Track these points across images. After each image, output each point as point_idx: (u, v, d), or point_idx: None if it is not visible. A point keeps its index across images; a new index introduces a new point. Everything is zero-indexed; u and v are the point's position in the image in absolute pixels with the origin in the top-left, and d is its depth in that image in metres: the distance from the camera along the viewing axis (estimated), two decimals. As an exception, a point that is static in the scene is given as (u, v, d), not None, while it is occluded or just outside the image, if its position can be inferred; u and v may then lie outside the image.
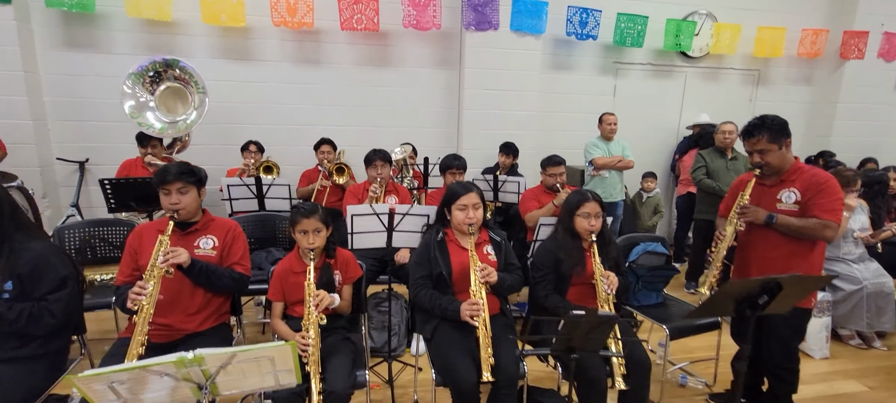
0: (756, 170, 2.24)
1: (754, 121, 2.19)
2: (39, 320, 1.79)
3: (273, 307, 2.17)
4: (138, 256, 2.05)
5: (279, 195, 3.44)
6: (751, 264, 2.29)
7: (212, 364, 1.35)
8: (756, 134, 2.16)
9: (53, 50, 4.20)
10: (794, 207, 2.15)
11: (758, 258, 2.26)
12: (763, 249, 2.23)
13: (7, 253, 1.79)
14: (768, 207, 2.21)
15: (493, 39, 4.68)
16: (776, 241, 2.18)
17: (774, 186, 2.23)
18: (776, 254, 2.18)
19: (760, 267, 2.22)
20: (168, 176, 2.04)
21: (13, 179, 3.29)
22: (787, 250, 2.16)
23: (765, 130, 2.14)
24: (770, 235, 2.19)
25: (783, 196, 2.19)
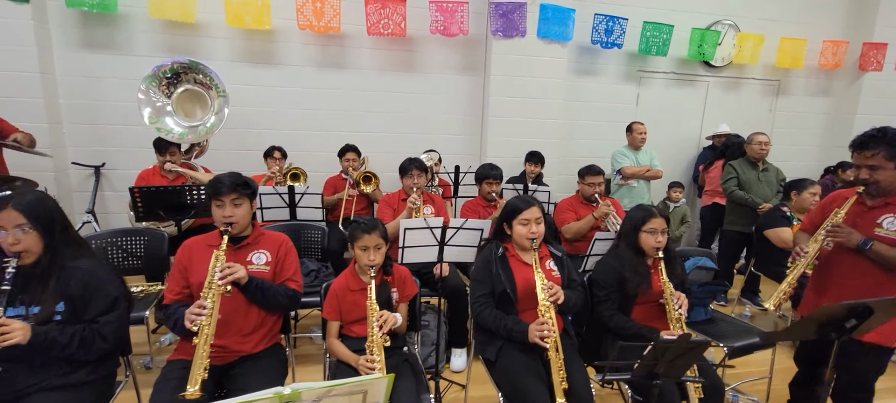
0: (860, 187, 2.03)
1: (873, 132, 1.93)
2: (91, 345, 1.67)
3: (328, 326, 2.07)
4: (188, 273, 1.94)
5: (311, 204, 3.33)
6: (829, 288, 2.13)
7: (307, 398, 1.24)
8: (872, 147, 1.91)
9: (70, 50, 4.06)
10: (895, 236, 1.95)
11: (839, 284, 2.09)
12: (847, 276, 2.05)
13: (57, 273, 1.67)
14: (865, 231, 1.99)
15: (519, 47, 4.61)
16: (864, 269, 1.99)
17: (877, 209, 2.00)
18: (861, 283, 1.99)
19: (839, 293, 2.05)
20: (222, 187, 1.93)
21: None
22: (874, 279, 1.97)
23: (883, 144, 1.89)
24: (859, 261, 2.00)
25: (885, 221, 1.96)
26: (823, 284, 2.17)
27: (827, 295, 2.13)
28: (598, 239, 2.71)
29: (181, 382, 1.75)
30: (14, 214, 1.60)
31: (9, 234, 1.59)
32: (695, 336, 1.61)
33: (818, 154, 5.86)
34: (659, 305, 2.18)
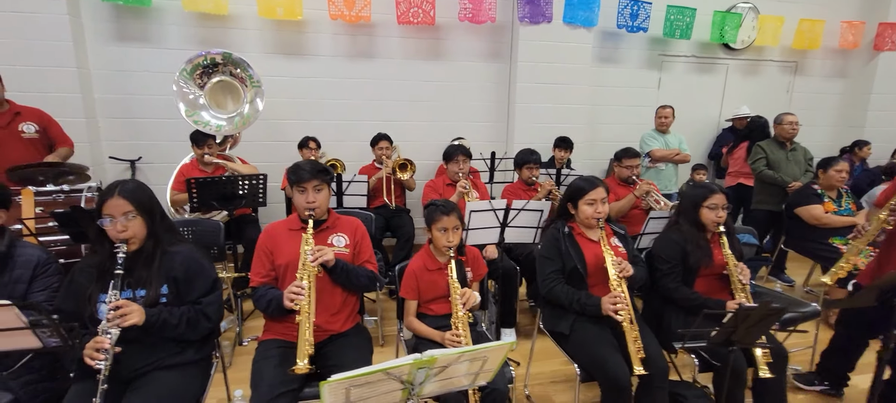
0: None
1: None
2: (197, 325, 1.74)
3: (407, 305, 2.14)
4: (274, 256, 2.00)
5: (357, 192, 3.39)
6: (892, 262, 2.18)
7: (440, 364, 1.32)
8: None
9: (103, 44, 4.07)
10: None
11: None
12: None
13: (160, 257, 1.73)
14: None
15: (545, 32, 4.65)
16: None
17: None
18: None
19: None
20: (305, 174, 1.99)
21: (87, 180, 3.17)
22: None
23: None
24: None
25: None
26: (888, 259, 2.22)
27: (889, 267, 2.19)
28: (653, 217, 2.78)
29: (281, 359, 1.83)
30: (121, 202, 1.65)
31: (117, 221, 1.64)
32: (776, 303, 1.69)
33: (833, 134, 5.95)
34: (719, 277, 2.27)
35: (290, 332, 1.93)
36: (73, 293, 1.68)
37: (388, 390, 1.36)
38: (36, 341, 1.35)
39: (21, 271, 1.69)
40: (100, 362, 1.49)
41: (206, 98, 3.71)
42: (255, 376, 1.79)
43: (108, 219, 1.64)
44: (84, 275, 1.70)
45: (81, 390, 1.60)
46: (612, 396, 1.94)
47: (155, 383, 1.64)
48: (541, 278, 2.21)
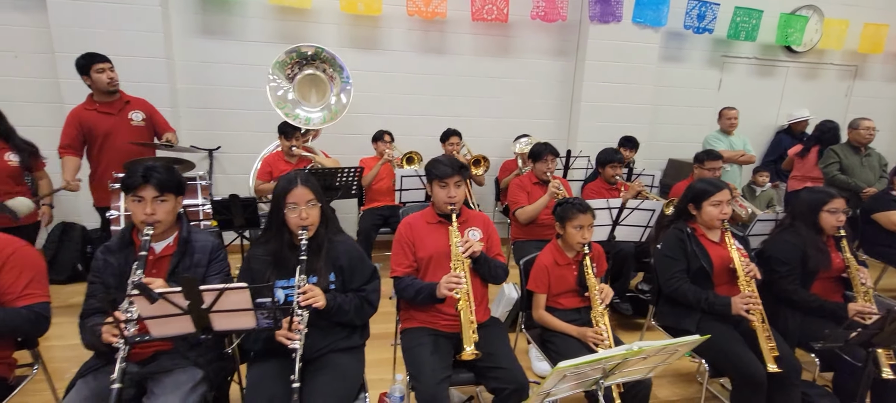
0: None
1: None
2: (362, 311, 1.83)
3: (536, 298, 2.21)
4: (416, 248, 2.08)
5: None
6: None
7: (647, 352, 1.39)
8: None
9: (188, 37, 4.17)
10: None
11: None
12: None
13: (326, 246, 1.82)
14: None
15: (614, 31, 4.68)
16: None
17: None
18: None
19: None
20: (446, 170, 2.06)
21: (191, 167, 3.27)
22: None
23: None
24: None
25: None
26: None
27: None
28: (760, 219, 2.82)
29: (434, 347, 1.92)
30: (305, 191, 1.74)
31: (301, 209, 1.73)
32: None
33: (891, 139, 5.92)
34: (834, 280, 2.32)
35: (435, 321, 2.03)
36: (250, 279, 1.78)
37: (588, 378, 1.44)
38: (252, 322, 1.44)
39: (200, 255, 1.78)
40: (295, 341, 1.59)
41: (294, 91, 3.80)
42: (413, 362, 1.88)
43: (293, 207, 1.73)
44: (259, 262, 1.79)
45: (265, 369, 1.70)
46: (747, 392, 2.00)
47: (333, 364, 1.73)
48: (665, 276, 2.27)
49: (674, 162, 5.31)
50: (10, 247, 1.65)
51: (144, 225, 1.65)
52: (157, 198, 1.68)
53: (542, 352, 2.18)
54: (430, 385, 1.75)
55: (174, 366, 1.67)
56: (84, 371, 1.62)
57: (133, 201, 1.68)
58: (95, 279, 1.70)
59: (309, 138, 4.04)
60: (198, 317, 1.37)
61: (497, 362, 1.84)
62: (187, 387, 1.61)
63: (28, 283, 1.64)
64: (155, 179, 1.66)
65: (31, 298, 1.64)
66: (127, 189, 1.69)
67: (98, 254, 1.71)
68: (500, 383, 1.81)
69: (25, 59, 3.94)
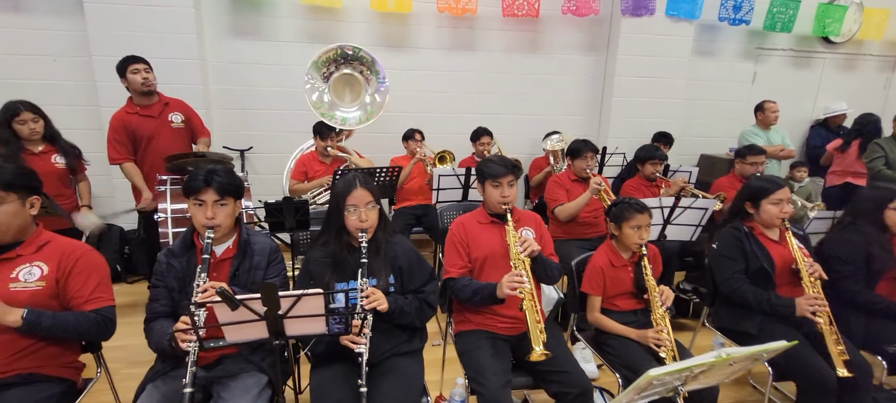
0: None
1: None
2: (422, 313, 1.81)
3: (591, 301, 2.17)
4: (470, 248, 2.05)
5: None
6: None
7: (734, 359, 1.34)
8: None
9: (220, 37, 4.19)
10: None
11: None
12: None
13: (383, 248, 1.80)
14: None
15: (647, 25, 4.59)
16: None
17: None
18: None
19: None
20: (499, 170, 2.03)
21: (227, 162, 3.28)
22: None
23: None
24: None
25: None
26: None
27: None
28: (816, 217, 2.74)
29: (493, 349, 1.89)
30: (364, 193, 1.72)
31: (360, 211, 1.71)
32: None
33: (931, 131, 5.71)
34: (898, 280, 2.24)
35: (492, 323, 2.00)
36: (309, 281, 1.77)
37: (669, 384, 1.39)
38: (323, 327, 1.43)
39: (259, 258, 1.77)
40: (361, 346, 1.57)
41: (330, 92, 3.79)
42: (473, 366, 1.85)
43: (353, 209, 1.71)
44: (318, 265, 1.78)
45: (328, 373, 1.69)
46: (816, 397, 1.94)
47: (397, 368, 1.71)
48: (723, 277, 2.20)
49: (706, 157, 5.20)
50: (76, 252, 1.66)
51: (206, 228, 1.65)
52: (217, 201, 1.67)
53: (599, 355, 2.14)
54: (495, 388, 1.72)
55: (239, 371, 1.67)
56: (152, 375, 1.62)
57: (194, 205, 1.68)
58: (159, 282, 1.71)
59: (342, 138, 4.03)
60: (273, 323, 1.35)
61: (559, 365, 1.81)
62: (255, 392, 1.61)
63: (95, 287, 1.65)
64: (216, 183, 1.66)
65: (98, 302, 1.64)
66: (188, 192, 1.69)
67: (161, 258, 1.71)
68: (564, 387, 1.77)
69: (63, 63, 3.99)
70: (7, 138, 2.78)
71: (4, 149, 2.75)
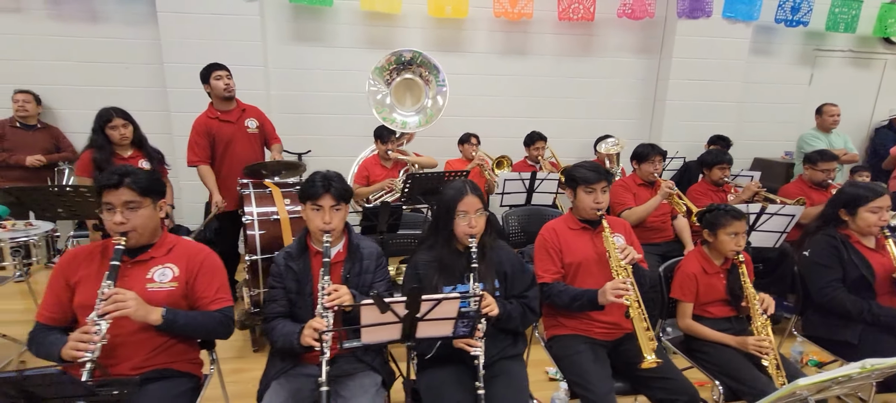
0: None
1: None
2: (526, 318, 1.84)
3: (682, 307, 2.16)
4: (563, 254, 2.06)
5: (547, 189, 3.44)
6: None
7: (877, 370, 1.33)
8: None
9: (282, 44, 4.30)
10: None
11: None
12: None
13: (489, 252, 1.83)
14: None
15: (702, 27, 4.54)
16: None
17: None
18: None
19: None
20: (592, 176, 2.04)
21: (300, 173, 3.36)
22: None
23: None
24: None
25: None
26: None
27: None
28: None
29: (594, 355, 1.90)
30: (475, 200, 1.75)
31: (471, 217, 1.74)
32: None
33: None
34: None
35: (589, 328, 2.01)
36: (417, 284, 1.81)
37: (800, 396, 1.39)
38: (450, 330, 1.46)
39: (368, 262, 1.83)
40: (477, 349, 1.61)
41: (391, 96, 3.85)
42: (575, 371, 1.86)
43: (463, 214, 1.75)
44: (426, 268, 1.82)
45: (441, 375, 1.72)
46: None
47: (507, 371, 1.74)
48: (819, 285, 2.17)
49: (760, 161, 5.10)
50: (201, 254, 1.74)
51: (323, 232, 1.71)
52: (333, 206, 1.73)
53: (691, 361, 2.13)
54: (603, 394, 1.73)
55: (354, 370, 1.72)
56: (275, 374, 1.69)
57: (312, 209, 1.74)
58: (276, 284, 1.77)
59: (403, 142, 4.09)
60: (408, 326, 1.40)
61: (663, 372, 1.81)
62: (373, 391, 1.66)
63: (218, 288, 1.73)
64: (334, 189, 1.72)
65: (221, 302, 1.72)
66: (305, 198, 1.76)
67: (279, 260, 1.78)
68: (670, 394, 1.77)
69: (135, 70, 4.16)
70: (101, 143, 2.91)
71: (98, 152, 2.89)
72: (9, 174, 3.82)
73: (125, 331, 1.55)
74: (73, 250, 1.68)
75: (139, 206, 1.60)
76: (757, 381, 1.84)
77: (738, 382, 1.87)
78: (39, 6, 3.92)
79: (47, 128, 4.04)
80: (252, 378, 2.57)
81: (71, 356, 1.41)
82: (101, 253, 1.65)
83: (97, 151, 2.87)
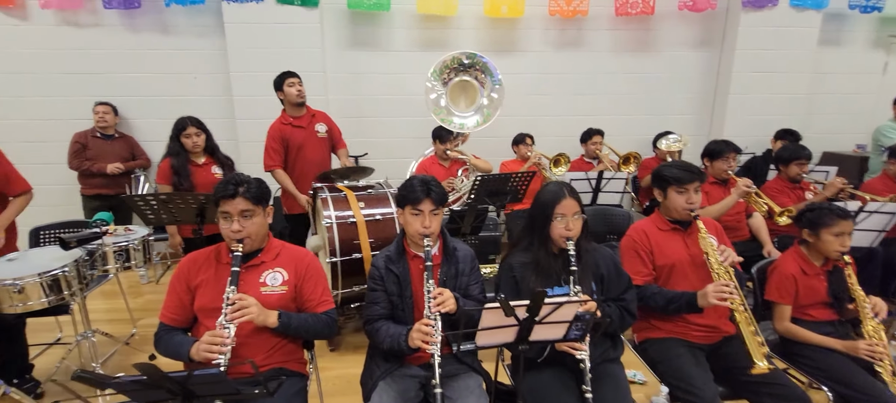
0: None
1: None
2: (624, 321, 1.82)
3: (780, 309, 2.09)
4: (654, 256, 2.03)
5: (614, 189, 3.39)
6: None
7: None
8: None
9: (339, 49, 4.40)
10: None
11: None
12: None
13: (585, 255, 1.82)
14: None
15: (769, 17, 4.37)
16: None
17: None
18: None
19: None
20: (685, 176, 2.00)
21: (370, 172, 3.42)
22: None
23: None
24: None
25: None
26: None
27: None
28: None
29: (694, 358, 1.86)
30: (572, 202, 1.74)
31: (567, 220, 1.74)
32: None
33: None
34: None
35: (686, 331, 1.97)
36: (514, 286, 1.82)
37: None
38: (561, 333, 1.47)
39: (463, 264, 1.85)
40: (583, 352, 1.60)
41: (447, 97, 3.88)
42: (677, 374, 1.83)
43: (560, 217, 1.74)
44: (522, 270, 1.82)
45: (544, 378, 1.73)
46: None
47: (610, 375, 1.73)
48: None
49: (830, 155, 4.86)
50: (306, 259, 1.80)
51: (422, 236, 1.74)
52: (432, 211, 1.76)
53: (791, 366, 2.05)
54: (709, 398, 1.70)
55: (457, 371, 1.75)
56: (382, 374, 1.73)
57: (412, 214, 1.77)
58: (377, 286, 1.81)
59: (459, 142, 4.11)
60: (524, 329, 1.41)
61: (772, 377, 1.75)
62: (478, 392, 1.68)
63: (323, 291, 1.79)
64: (434, 194, 1.75)
65: (326, 305, 1.78)
66: (404, 202, 1.79)
67: (380, 263, 1.82)
68: (780, 401, 1.72)
69: (202, 80, 4.34)
70: (177, 150, 3.06)
71: (175, 159, 3.03)
72: (91, 181, 4.06)
73: (243, 333, 1.62)
74: (191, 255, 1.77)
75: (253, 214, 1.68)
76: (872, 387, 1.76)
77: (850, 388, 1.80)
78: (117, 21, 4.14)
79: (124, 138, 4.26)
80: (330, 378, 2.67)
81: (204, 357, 1.49)
82: (216, 258, 1.74)
83: (174, 158, 3.01)
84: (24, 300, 2.11)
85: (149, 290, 4.05)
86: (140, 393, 1.14)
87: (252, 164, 3.94)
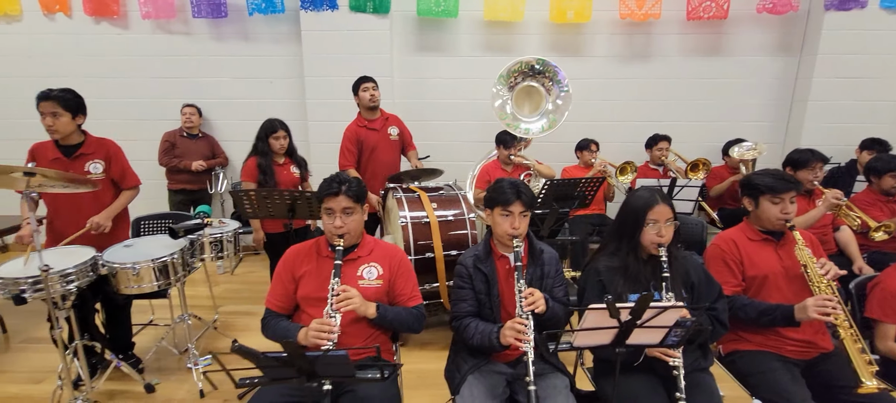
0: None
1: None
2: (715, 331, 1.79)
3: (883, 328, 1.97)
4: (745, 267, 1.98)
5: (688, 197, 3.31)
6: None
7: None
8: None
9: (406, 54, 4.53)
10: None
11: None
12: None
13: (675, 262, 1.80)
14: None
15: (855, 20, 4.12)
16: None
17: None
18: None
19: None
20: (780, 185, 1.94)
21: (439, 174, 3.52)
22: None
23: None
24: None
25: None
26: None
27: None
28: None
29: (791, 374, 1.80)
30: (666, 209, 1.74)
31: (661, 226, 1.73)
32: None
33: None
34: None
35: (779, 345, 1.91)
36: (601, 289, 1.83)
37: None
38: (658, 338, 1.47)
39: (548, 267, 1.88)
40: (676, 360, 1.60)
41: (512, 102, 3.91)
42: (772, 389, 1.78)
43: (653, 223, 1.74)
44: (609, 274, 1.83)
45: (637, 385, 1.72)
46: None
47: (701, 384, 1.70)
48: None
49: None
50: (398, 255, 1.89)
51: (511, 237, 1.78)
52: (522, 212, 1.80)
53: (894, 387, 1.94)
54: (807, 414, 1.64)
55: (543, 371, 1.78)
56: (470, 369, 1.79)
57: (501, 215, 1.82)
58: (464, 285, 1.87)
59: (522, 147, 4.14)
60: (623, 332, 1.42)
61: (880, 398, 1.67)
62: (565, 392, 1.71)
63: (413, 286, 1.88)
64: (524, 197, 1.79)
65: (416, 299, 1.86)
66: (494, 204, 1.84)
67: (468, 262, 1.88)
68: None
69: (278, 84, 4.60)
70: (264, 150, 3.25)
71: (262, 158, 3.23)
72: (178, 177, 4.39)
73: (343, 322, 1.71)
74: (295, 248, 1.90)
75: (353, 212, 1.78)
76: None
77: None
78: (205, 29, 4.47)
79: (206, 137, 4.59)
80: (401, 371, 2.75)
81: (313, 343, 1.61)
82: (316, 251, 1.86)
83: (261, 158, 3.21)
84: (139, 282, 2.33)
85: (223, 280, 4.33)
86: (276, 370, 1.25)
87: (322, 164, 4.15)
